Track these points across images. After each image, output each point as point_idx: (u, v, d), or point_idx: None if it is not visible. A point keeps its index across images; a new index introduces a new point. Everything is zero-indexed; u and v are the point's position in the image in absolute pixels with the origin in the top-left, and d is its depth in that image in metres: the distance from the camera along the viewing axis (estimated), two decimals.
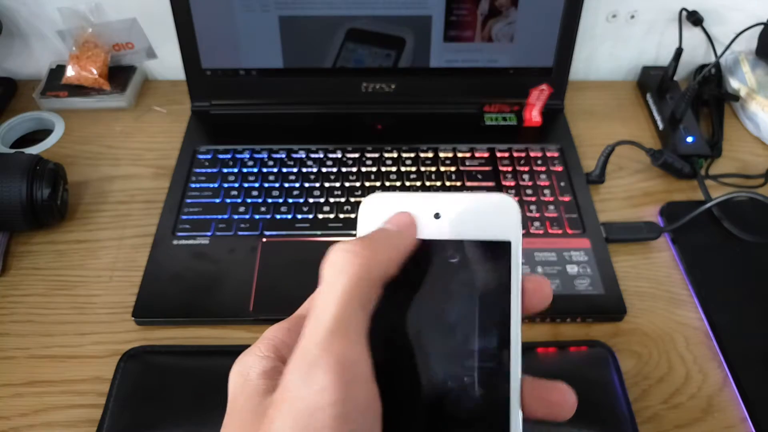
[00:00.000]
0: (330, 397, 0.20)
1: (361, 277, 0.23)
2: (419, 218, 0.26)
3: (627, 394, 0.47)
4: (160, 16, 0.70)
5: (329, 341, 0.22)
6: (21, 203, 0.56)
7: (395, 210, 0.27)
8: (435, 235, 0.26)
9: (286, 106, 0.72)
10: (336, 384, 0.20)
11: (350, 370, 0.21)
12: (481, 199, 0.27)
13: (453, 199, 0.27)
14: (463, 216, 0.26)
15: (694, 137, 0.67)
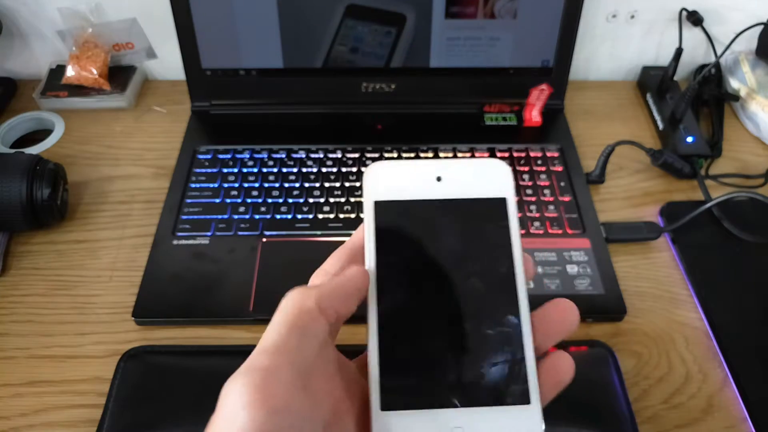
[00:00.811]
0: (243, 422, 0.22)
1: (303, 309, 0.25)
2: (423, 181, 0.29)
3: (627, 394, 0.47)
4: (160, 16, 0.70)
5: (252, 360, 0.24)
6: (21, 203, 0.56)
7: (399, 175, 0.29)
8: (438, 195, 0.29)
9: (286, 106, 0.72)
10: (252, 405, 0.22)
11: (270, 387, 0.23)
12: (476, 163, 0.30)
13: (451, 164, 0.29)
14: (462, 178, 0.29)
15: (694, 137, 0.67)
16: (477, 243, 0.28)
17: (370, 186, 0.29)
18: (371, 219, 0.29)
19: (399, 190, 0.29)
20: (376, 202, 0.29)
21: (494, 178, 0.29)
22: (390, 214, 0.29)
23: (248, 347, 0.26)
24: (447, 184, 0.29)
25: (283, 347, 0.24)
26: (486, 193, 0.29)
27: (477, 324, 0.27)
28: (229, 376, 0.24)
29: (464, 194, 0.29)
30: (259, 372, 0.23)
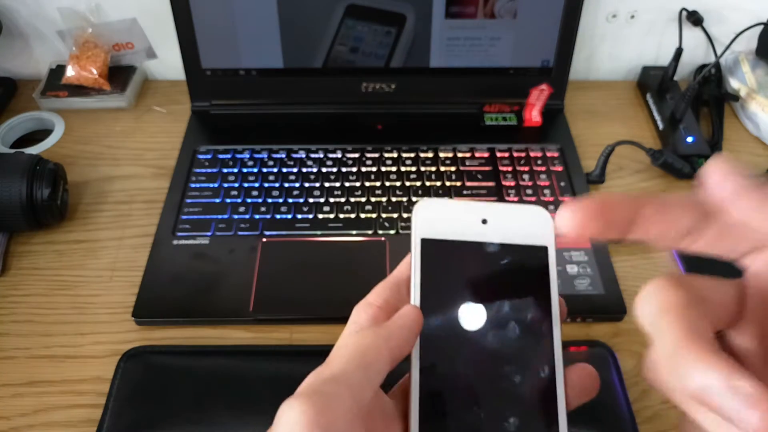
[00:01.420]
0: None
1: (373, 346, 0.25)
2: (470, 222, 0.30)
3: (627, 394, 0.47)
4: (160, 16, 0.70)
5: (315, 383, 0.24)
6: (21, 203, 0.56)
7: (446, 214, 0.30)
8: (484, 238, 0.29)
9: (286, 106, 0.72)
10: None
11: (330, 414, 0.23)
12: (521, 209, 0.30)
13: (497, 208, 0.30)
14: (506, 223, 0.30)
15: (694, 137, 0.67)
16: (517, 289, 0.29)
17: (418, 222, 0.29)
18: (418, 256, 0.29)
19: (446, 229, 0.29)
20: (423, 240, 0.29)
21: (537, 225, 0.30)
22: (436, 253, 0.29)
23: (248, 347, 0.26)
24: (492, 228, 0.29)
25: (347, 378, 0.24)
26: (529, 240, 0.29)
27: (514, 370, 0.27)
28: (229, 376, 0.25)
29: (508, 239, 0.29)
30: (321, 396, 0.23)
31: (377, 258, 0.57)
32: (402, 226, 0.60)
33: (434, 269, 0.29)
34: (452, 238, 0.29)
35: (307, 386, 0.24)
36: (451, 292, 0.28)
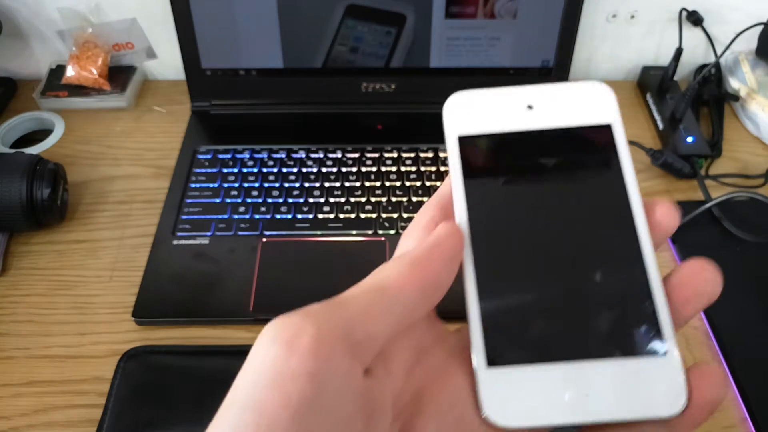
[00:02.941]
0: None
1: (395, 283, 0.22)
2: (513, 111, 0.25)
3: None
4: (160, 16, 0.70)
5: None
6: (21, 203, 0.56)
7: (484, 106, 0.25)
8: (532, 126, 0.25)
9: (286, 106, 0.72)
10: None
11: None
12: (572, 87, 0.25)
13: (543, 89, 0.25)
14: (556, 106, 0.25)
15: (694, 137, 0.67)
16: (582, 178, 0.24)
17: (452, 119, 0.25)
18: (457, 159, 0.25)
19: (486, 122, 0.25)
20: (461, 138, 0.25)
21: (595, 103, 0.25)
22: (478, 152, 0.25)
23: (248, 347, 0.26)
24: (540, 113, 0.25)
25: (348, 304, 0.20)
26: (587, 121, 0.25)
27: (592, 270, 0.23)
28: (229, 376, 0.24)
29: (561, 123, 0.25)
30: (310, 316, 0.19)
31: (377, 258, 0.57)
32: (402, 226, 0.60)
33: (478, 171, 0.25)
34: (495, 131, 0.25)
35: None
36: (504, 195, 0.24)
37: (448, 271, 0.22)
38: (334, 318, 0.19)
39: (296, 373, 0.18)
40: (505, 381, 0.22)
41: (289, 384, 0.17)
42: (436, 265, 0.22)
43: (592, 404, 0.21)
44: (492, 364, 0.22)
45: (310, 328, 0.18)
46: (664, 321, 0.22)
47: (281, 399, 0.17)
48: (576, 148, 0.25)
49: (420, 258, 0.22)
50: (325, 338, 0.18)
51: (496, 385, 0.22)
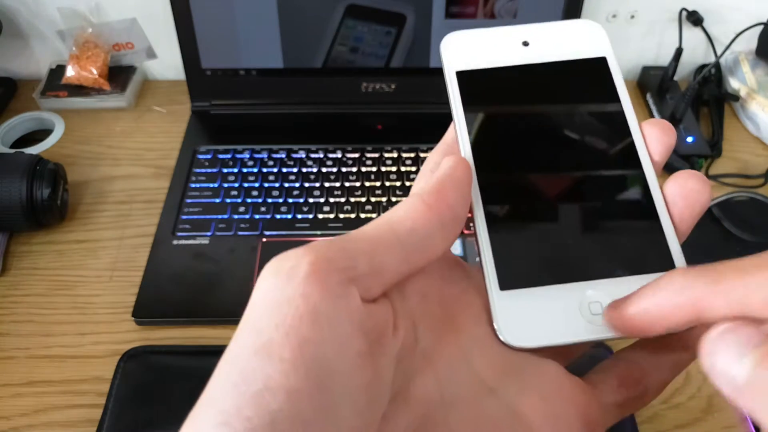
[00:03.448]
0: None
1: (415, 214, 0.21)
2: (509, 47, 0.26)
3: None
4: (160, 16, 0.70)
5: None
6: (21, 203, 0.56)
7: (480, 43, 0.26)
8: (528, 60, 0.26)
9: (286, 106, 0.72)
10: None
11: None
12: (565, 24, 0.26)
13: (537, 27, 0.26)
14: (551, 42, 0.26)
15: (694, 137, 0.67)
16: (581, 107, 0.25)
17: (450, 56, 0.26)
18: (456, 94, 0.25)
19: (483, 58, 0.26)
20: (459, 74, 0.26)
21: (588, 38, 0.26)
22: (477, 86, 0.25)
23: None
24: (536, 49, 0.26)
25: (362, 237, 0.20)
26: (581, 54, 0.26)
27: (597, 192, 0.24)
28: None
29: (557, 57, 0.26)
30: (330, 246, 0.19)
31: None
32: None
33: (479, 106, 0.25)
34: (492, 65, 0.26)
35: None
36: (505, 127, 0.25)
37: (461, 200, 0.22)
38: (335, 249, 0.19)
39: (291, 296, 0.18)
40: (518, 303, 0.22)
41: (284, 306, 0.18)
42: (448, 196, 0.21)
43: (603, 322, 0.22)
44: (505, 288, 0.23)
45: (308, 257, 0.18)
46: (670, 237, 0.23)
47: (277, 319, 0.17)
48: (573, 79, 0.26)
49: (431, 191, 0.21)
50: (322, 266, 0.18)
51: (510, 308, 0.22)
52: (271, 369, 0.17)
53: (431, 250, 0.21)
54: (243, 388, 0.17)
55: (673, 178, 0.23)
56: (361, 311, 0.19)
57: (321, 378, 0.17)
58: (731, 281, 0.17)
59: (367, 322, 0.19)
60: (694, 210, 0.23)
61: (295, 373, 0.17)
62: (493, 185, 0.24)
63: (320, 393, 0.17)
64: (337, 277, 0.18)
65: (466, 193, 0.22)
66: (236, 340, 0.18)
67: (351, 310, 0.18)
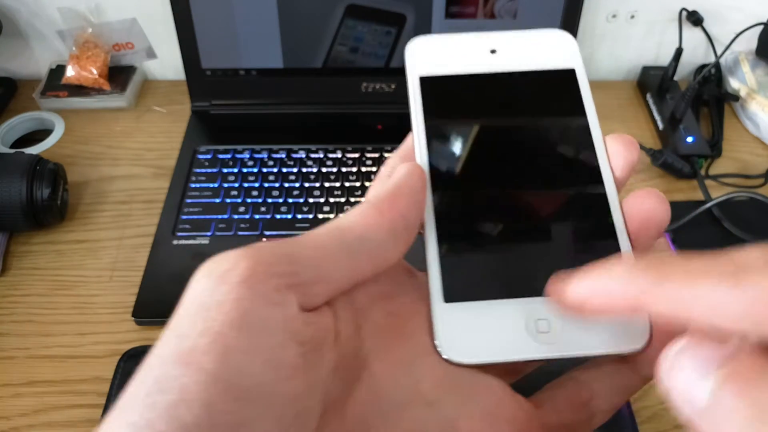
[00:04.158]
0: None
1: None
2: (476, 54, 0.25)
3: None
4: (160, 16, 0.70)
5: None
6: (21, 203, 0.56)
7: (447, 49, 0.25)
8: (495, 68, 0.25)
9: (286, 106, 0.72)
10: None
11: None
12: (535, 34, 0.26)
13: (507, 36, 0.26)
14: (520, 51, 0.25)
15: (694, 137, 0.67)
16: (545, 120, 0.24)
17: (415, 61, 0.25)
18: (418, 100, 0.24)
19: (448, 64, 0.25)
20: (423, 79, 0.25)
21: (557, 49, 0.25)
22: (440, 93, 0.25)
23: None
24: (504, 57, 0.25)
25: (309, 242, 0.19)
26: (550, 65, 0.25)
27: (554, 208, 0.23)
28: None
29: (524, 67, 0.25)
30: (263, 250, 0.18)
31: None
32: None
33: (440, 113, 0.24)
34: (457, 72, 0.25)
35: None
36: (464, 136, 0.24)
37: (414, 209, 0.21)
38: (278, 254, 0.18)
39: (221, 301, 0.17)
40: (462, 317, 0.21)
41: (212, 311, 0.17)
42: (401, 203, 0.21)
43: (550, 341, 0.21)
44: (449, 300, 0.22)
45: (246, 262, 0.17)
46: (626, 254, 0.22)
47: (202, 325, 0.16)
48: (539, 90, 0.25)
49: (384, 198, 0.21)
50: (259, 270, 0.17)
51: (453, 322, 0.21)
52: (190, 379, 0.16)
53: (382, 259, 0.20)
54: (157, 398, 0.16)
55: (631, 198, 0.22)
56: (297, 320, 0.18)
57: (244, 391, 0.16)
58: (676, 285, 0.16)
59: (304, 332, 0.18)
60: (650, 231, 0.22)
61: (215, 384, 0.16)
62: (447, 194, 0.23)
63: (241, 407, 0.16)
64: (274, 282, 0.17)
65: (420, 201, 0.22)
66: (159, 344, 0.17)
67: (286, 318, 0.17)
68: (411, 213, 0.21)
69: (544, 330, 0.21)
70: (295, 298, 0.18)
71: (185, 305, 0.17)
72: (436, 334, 0.21)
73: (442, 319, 0.21)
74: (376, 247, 0.20)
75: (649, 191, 0.22)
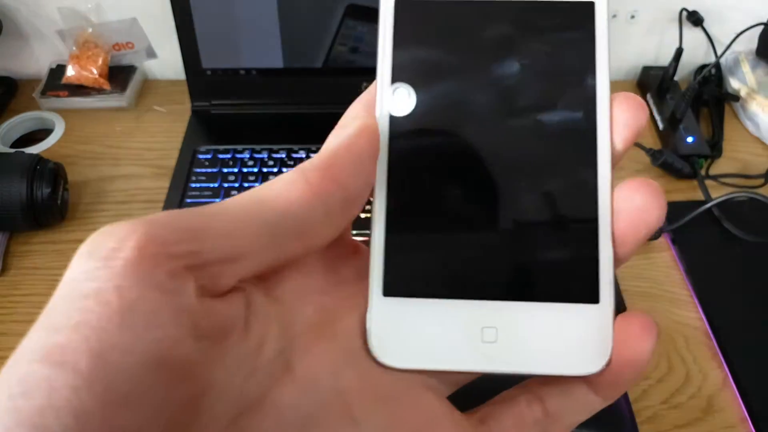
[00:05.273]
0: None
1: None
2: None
3: (627, 394, 0.47)
4: (160, 16, 0.70)
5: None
6: (21, 203, 0.56)
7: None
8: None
9: (286, 106, 0.72)
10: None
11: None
12: None
13: None
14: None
15: (694, 137, 0.67)
16: (541, 70, 0.19)
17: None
18: (389, 31, 0.19)
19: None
20: (397, 2, 0.19)
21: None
22: (419, 21, 0.19)
23: None
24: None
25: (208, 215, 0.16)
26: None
27: (532, 194, 0.19)
28: None
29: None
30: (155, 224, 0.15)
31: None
32: None
33: (415, 52, 0.19)
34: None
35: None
36: (440, 84, 0.19)
37: (356, 178, 0.17)
38: (176, 228, 0.15)
39: (102, 289, 0.14)
40: (401, 314, 0.18)
41: (91, 301, 0.14)
42: (339, 173, 0.17)
43: (498, 353, 0.18)
44: (389, 293, 0.19)
45: (135, 239, 0.15)
46: (604, 262, 0.18)
47: (79, 317, 0.14)
48: (541, 27, 0.19)
49: (317, 166, 0.17)
50: (151, 250, 0.14)
51: (390, 319, 0.18)
52: (60, 381, 0.13)
53: (309, 238, 0.17)
54: (20, 402, 0.13)
55: (620, 190, 0.19)
56: (195, 310, 0.15)
57: (123, 396, 0.13)
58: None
59: (204, 322, 0.15)
60: (638, 233, 0.18)
61: (90, 388, 0.13)
62: (409, 161, 0.19)
63: (120, 414, 0.13)
64: (168, 265, 0.14)
65: (368, 170, 0.18)
66: (27, 337, 0.15)
67: (180, 309, 0.14)
68: (352, 183, 0.17)
69: (489, 340, 0.18)
70: (195, 281, 0.15)
71: (60, 291, 0.15)
72: (369, 332, 0.18)
73: (379, 315, 0.18)
74: (302, 224, 0.17)
75: (642, 182, 0.18)
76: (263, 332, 0.17)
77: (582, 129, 0.19)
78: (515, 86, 0.19)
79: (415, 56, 0.19)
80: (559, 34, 0.19)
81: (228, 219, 0.16)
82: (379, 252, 0.19)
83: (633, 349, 0.18)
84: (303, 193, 0.17)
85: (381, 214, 0.19)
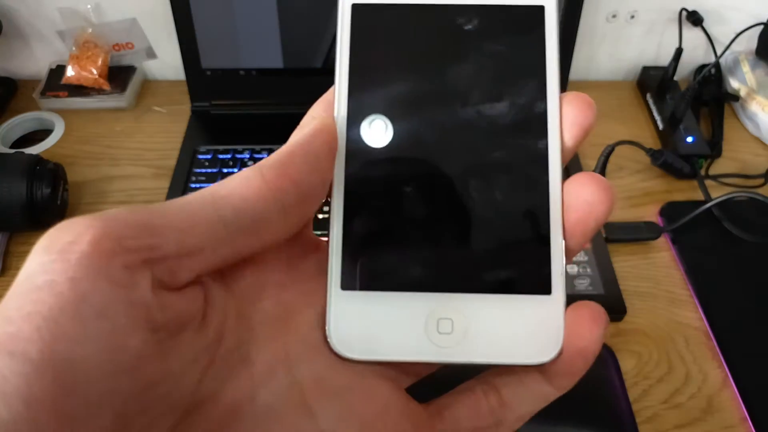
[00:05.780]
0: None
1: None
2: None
3: (627, 394, 0.47)
4: (160, 16, 0.70)
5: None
6: (21, 203, 0.56)
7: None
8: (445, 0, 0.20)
9: (286, 106, 0.72)
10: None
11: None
12: None
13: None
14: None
15: (694, 137, 0.67)
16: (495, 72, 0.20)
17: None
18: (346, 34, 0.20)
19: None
20: (355, 6, 0.21)
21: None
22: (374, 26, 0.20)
23: None
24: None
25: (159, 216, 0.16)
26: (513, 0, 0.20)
27: (484, 189, 0.20)
28: None
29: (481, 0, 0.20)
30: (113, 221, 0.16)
31: None
32: None
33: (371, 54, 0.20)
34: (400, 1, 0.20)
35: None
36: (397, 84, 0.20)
37: (312, 176, 0.18)
38: (132, 224, 0.15)
39: (55, 281, 0.15)
40: (359, 307, 0.19)
41: (44, 292, 0.15)
42: (294, 170, 0.18)
43: (453, 344, 0.19)
44: (347, 287, 0.19)
45: (91, 234, 0.15)
46: (555, 254, 0.20)
47: (31, 307, 0.14)
48: (493, 31, 0.20)
49: (273, 164, 0.18)
50: (106, 246, 0.15)
51: (348, 312, 0.19)
52: (10, 369, 0.13)
53: (265, 234, 0.18)
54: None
55: (569, 183, 0.19)
56: (150, 302, 0.15)
57: (74, 385, 0.14)
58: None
59: (159, 316, 0.15)
60: (587, 226, 0.19)
61: (40, 377, 0.13)
62: (365, 159, 0.20)
63: (71, 402, 0.14)
64: (123, 259, 0.15)
65: (323, 167, 0.19)
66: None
67: (134, 301, 0.15)
68: (308, 181, 0.18)
69: (445, 331, 0.19)
70: (152, 275, 0.15)
71: (16, 284, 0.16)
72: (327, 324, 0.19)
73: (337, 308, 0.19)
74: (258, 221, 0.17)
75: (590, 177, 0.19)
76: (221, 325, 0.17)
77: (533, 127, 0.20)
78: (468, 86, 0.20)
79: (371, 58, 0.20)
80: (511, 37, 0.20)
81: (184, 214, 0.16)
82: (337, 247, 0.20)
83: (583, 338, 0.19)
84: (258, 190, 0.17)
85: (339, 210, 0.20)
